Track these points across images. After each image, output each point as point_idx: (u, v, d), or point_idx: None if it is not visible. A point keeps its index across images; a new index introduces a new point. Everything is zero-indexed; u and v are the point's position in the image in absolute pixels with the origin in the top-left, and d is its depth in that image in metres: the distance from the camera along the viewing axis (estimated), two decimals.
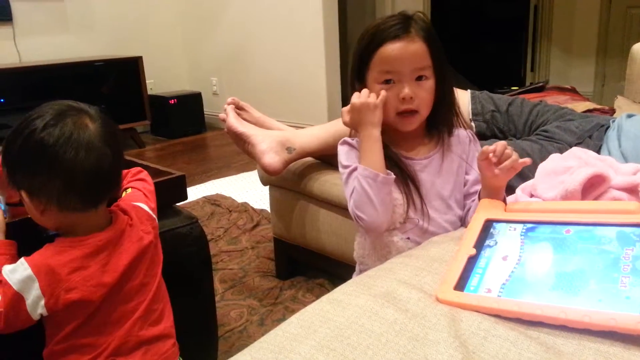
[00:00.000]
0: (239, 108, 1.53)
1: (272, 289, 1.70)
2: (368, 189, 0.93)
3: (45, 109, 0.81)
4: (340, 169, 1.04)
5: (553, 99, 1.86)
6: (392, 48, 0.94)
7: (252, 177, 2.83)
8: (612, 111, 1.79)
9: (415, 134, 1.03)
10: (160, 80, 4.12)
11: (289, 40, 3.53)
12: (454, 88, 1.05)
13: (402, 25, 0.95)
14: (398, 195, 0.99)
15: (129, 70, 3.53)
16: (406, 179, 1.00)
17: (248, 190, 2.69)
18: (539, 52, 4.37)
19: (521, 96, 1.56)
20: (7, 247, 0.85)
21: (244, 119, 1.52)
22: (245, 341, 1.42)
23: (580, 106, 1.77)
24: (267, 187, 1.71)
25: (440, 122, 1.03)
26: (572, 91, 2.16)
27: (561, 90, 2.16)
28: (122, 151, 0.88)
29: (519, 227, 0.81)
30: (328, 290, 1.14)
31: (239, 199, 2.55)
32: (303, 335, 0.68)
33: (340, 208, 1.46)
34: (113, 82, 3.45)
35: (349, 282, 0.83)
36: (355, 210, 0.97)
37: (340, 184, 1.44)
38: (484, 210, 0.88)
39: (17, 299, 0.78)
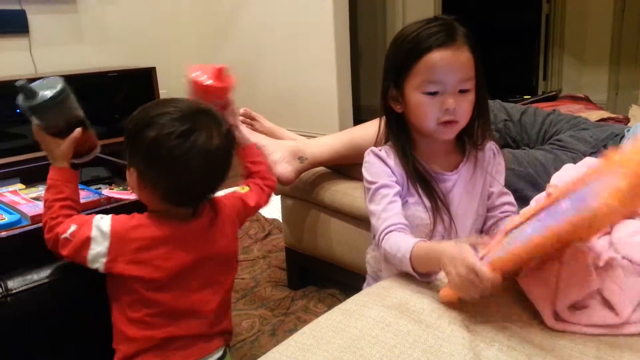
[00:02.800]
0: (250, 118, 1.54)
1: (284, 299, 1.70)
2: (399, 265, 0.86)
3: (183, 109, 0.85)
4: (365, 183, 0.98)
5: (566, 108, 1.85)
6: (440, 56, 0.88)
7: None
8: (626, 120, 1.78)
9: (446, 146, 0.99)
10: (174, 90, 4.14)
11: (300, 50, 3.55)
12: None
13: (448, 31, 0.89)
14: (424, 215, 0.95)
15: (142, 80, 3.57)
16: (436, 200, 0.95)
17: None
18: (552, 60, 4.34)
19: (534, 105, 1.56)
20: (76, 175, 0.94)
21: (256, 129, 1.52)
22: (257, 351, 1.42)
23: (594, 115, 1.75)
24: (279, 196, 1.71)
25: (471, 134, 0.99)
26: (586, 100, 2.14)
27: (574, 99, 2.15)
28: (229, 169, 0.92)
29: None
30: (340, 300, 1.13)
31: None
32: (315, 346, 0.68)
33: (352, 218, 1.45)
34: (127, 93, 3.49)
35: (362, 292, 0.82)
36: (384, 252, 0.89)
37: (351, 193, 1.44)
38: None
39: (85, 242, 0.85)
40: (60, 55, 3.58)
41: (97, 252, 0.85)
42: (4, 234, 0.94)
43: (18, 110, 0.93)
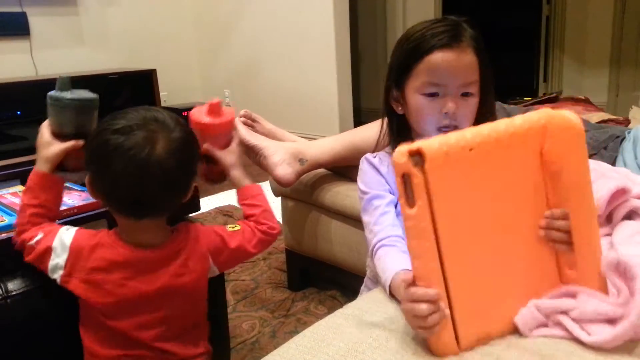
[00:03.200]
0: (251, 120, 1.54)
1: (284, 300, 1.70)
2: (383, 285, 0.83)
3: (134, 112, 0.83)
4: (359, 192, 0.96)
5: (567, 110, 1.85)
6: (442, 58, 0.86)
7: (264, 188, 2.83)
8: (627, 121, 1.78)
9: None
10: (174, 92, 4.16)
11: (300, 52, 3.56)
12: None
13: (453, 32, 0.87)
14: None
15: (143, 82, 3.57)
16: None
17: None
18: (552, 62, 4.35)
19: (535, 107, 1.56)
20: (57, 181, 0.90)
21: (256, 131, 1.52)
22: (257, 353, 1.42)
23: (594, 117, 1.76)
24: (279, 198, 1.71)
25: None
26: (586, 102, 2.14)
27: (575, 100, 2.15)
28: (184, 181, 0.85)
29: None
30: (340, 302, 1.14)
31: None
32: (316, 348, 0.68)
33: (352, 219, 1.45)
34: (127, 95, 3.50)
35: (363, 296, 0.82)
36: (375, 269, 0.87)
37: (352, 195, 1.44)
38: None
39: (46, 252, 0.85)
40: (61, 57, 3.59)
41: (56, 263, 0.85)
42: (4, 235, 0.94)
43: (19, 112, 0.93)
